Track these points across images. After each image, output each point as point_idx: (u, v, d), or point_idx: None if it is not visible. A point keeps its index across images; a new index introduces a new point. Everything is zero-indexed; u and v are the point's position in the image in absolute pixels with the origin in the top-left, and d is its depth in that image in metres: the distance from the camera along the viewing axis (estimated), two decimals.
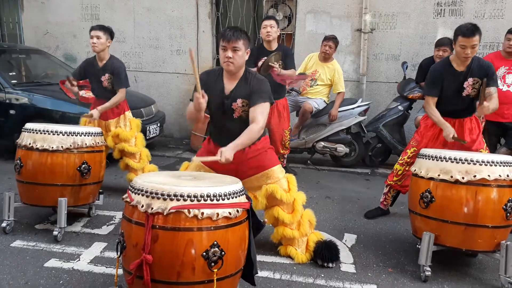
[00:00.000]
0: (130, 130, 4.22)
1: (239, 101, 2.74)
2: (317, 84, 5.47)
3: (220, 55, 2.72)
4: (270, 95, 2.76)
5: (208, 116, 2.94)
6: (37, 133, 3.28)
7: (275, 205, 2.96)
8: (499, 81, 4.39)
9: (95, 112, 3.96)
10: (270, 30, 4.44)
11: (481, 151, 3.31)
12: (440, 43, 4.82)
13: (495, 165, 2.70)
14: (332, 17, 6.46)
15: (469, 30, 3.10)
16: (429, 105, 3.36)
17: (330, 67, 5.39)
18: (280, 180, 2.94)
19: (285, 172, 3.06)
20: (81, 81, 4.17)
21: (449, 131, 3.20)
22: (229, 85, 2.77)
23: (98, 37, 3.93)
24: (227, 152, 2.49)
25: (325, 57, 5.38)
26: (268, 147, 2.96)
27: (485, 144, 3.42)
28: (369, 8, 6.25)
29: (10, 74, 5.82)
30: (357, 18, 6.36)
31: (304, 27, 6.58)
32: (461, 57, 3.18)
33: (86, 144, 3.36)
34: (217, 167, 2.84)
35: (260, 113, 2.68)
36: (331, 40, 5.32)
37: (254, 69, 4.32)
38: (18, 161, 3.31)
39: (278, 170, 2.94)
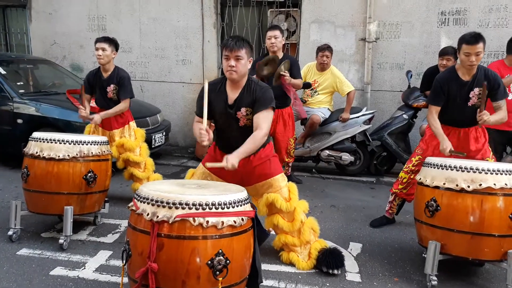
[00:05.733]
0: (135, 140, 4.24)
1: (243, 109, 2.76)
2: (318, 94, 5.49)
3: (223, 64, 2.75)
4: (273, 101, 2.78)
5: (213, 124, 2.96)
6: (44, 142, 3.31)
7: (276, 213, 2.98)
8: None
9: (97, 117, 3.98)
10: (275, 41, 4.47)
11: (487, 160, 3.29)
12: (444, 52, 4.83)
13: (501, 174, 2.69)
14: (337, 26, 6.50)
15: (473, 37, 3.12)
16: (431, 115, 3.36)
17: (329, 75, 5.41)
18: (282, 189, 2.95)
19: (290, 181, 3.07)
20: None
21: (446, 145, 3.16)
22: (232, 95, 2.79)
23: (103, 49, 3.96)
24: (233, 159, 2.52)
25: (323, 67, 5.41)
26: (272, 155, 2.98)
27: (491, 153, 3.41)
28: (373, 17, 6.29)
29: (18, 83, 5.88)
30: (361, 28, 6.39)
31: (309, 36, 6.62)
32: (466, 65, 3.19)
33: (92, 153, 3.38)
34: (223, 175, 2.85)
35: (263, 120, 2.70)
36: (327, 49, 5.34)
37: (255, 76, 4.36)
38: (25, 169, 3.34)
39: (280, 179, 2.95)
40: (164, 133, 6.07)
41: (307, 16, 6.60)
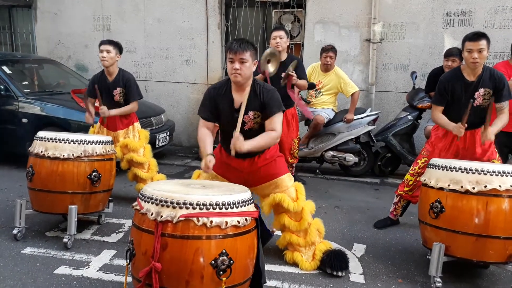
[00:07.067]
0: (139, 141, 4.25)
1: (250, 113, 2.76)
2: (322, 95, 5.48)
3: (227, 67, 2.75)
4: (281, 103, 2.80)
5: (217, 124, 2.96)
6: (48, 141, 3.32)
7: (283, 212, 2.97)
8: None
9: (105, 108, 3.99)
10: (280, 41, 4.46)
11: (493, 161, 3.28)
12: (449, 53, 4.81)
13: (506, 176, 2.67)
14: (341, 27, 6.49)
15: (475, 35, 3.14)
16: (435, 113, 3.36)
17: (333, 75, 5.41)
18: (289, 189, 2.94)
19: (294, 181, 3.06)
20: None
21: (457, 128, 3.18)
22: (238, 98, 2.78)
23: (108, 51, 3.97)
24: (243, 143, 2.56)
25: (327, 68, 5.41)
26: (278, 155, 2.98)
27: (497, 154, 3.39)
28: (378, 18, 6.27)
29: (23, 83, 5.91)
30: (366, 28, 6.38)
31: (313, 37, 6.61)
32: (469, 63, 3.17)
33: (96, 152, 3.40)
34: (228, 176, 2.85)
35: (276, 123, 2.73)
36: (331, 50, 5.34)
37: (259, 75, 4.35)
38: (30, 168, 3.35)
39: (287, 179, 2.95)
40: (168, 133, 6.09)
41: (311, 16, 6.60)
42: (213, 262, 2.02)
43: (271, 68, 4.28)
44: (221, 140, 3.02)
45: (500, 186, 2.65)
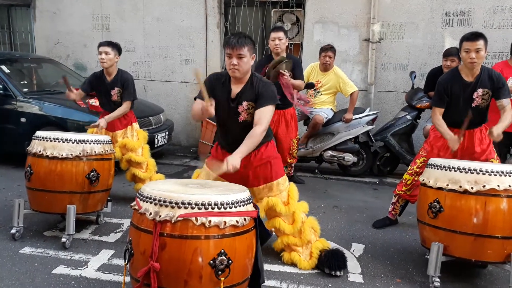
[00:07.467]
0: (137, 140, 4.25)
1: (244, 103, 2.76)
2: (321, 94, 5.48)
3: (226, 61, 2.75)
4: (276, 98, 2.77)
5: (215, 124, 2.96)
6: (47, 140, 3.32)
7: (276, 216, 2.98)
8: None
9: (102, 121, 3.99)
10: (279, 43, 4.45)
11: (491, 161, 3.28)
12: (448, 53, 4.82)
13: (505, 175, 2.67)
14: (340, 27, 6.49)
15: (473, 35, 3.15)
16: (435, 116, 3.36)
17: (332, 75, 5.41)
18: (281, 193, 2.95)
19: (292, 181, 3.06)
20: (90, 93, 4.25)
21: (453, 141, 3.19)
22: (235, 89, 2.79)
23: (106, 53, 3.97)
24: (233, 160, 2.51)
25: (326, 68, 5.41)
26: (275, 156, 2.97)
27: (496, 154, 3.39)
28: (377, 18, 6.27)
29: (22, 82, 5.90)
30: (365, 28, 6.38)
31: (312, 37, 6.61)
32: (467, 63, 3.18)
33: (95, 152, 3.39)
34: (224, 175, 2.85)
35: (264, 115, 2.69)
36: (330, 50, 5.34)
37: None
38: (28, 168, 3.35)
39: (281, 183, 2.95)
40: (167, 133, 6.08)
41: (310, 16, 6.60)
42: (211, 262, 2.02)
43: (287, 72, 4.28)
44: (217, 136, 3.02)
45: (498, 186, 2.65)
